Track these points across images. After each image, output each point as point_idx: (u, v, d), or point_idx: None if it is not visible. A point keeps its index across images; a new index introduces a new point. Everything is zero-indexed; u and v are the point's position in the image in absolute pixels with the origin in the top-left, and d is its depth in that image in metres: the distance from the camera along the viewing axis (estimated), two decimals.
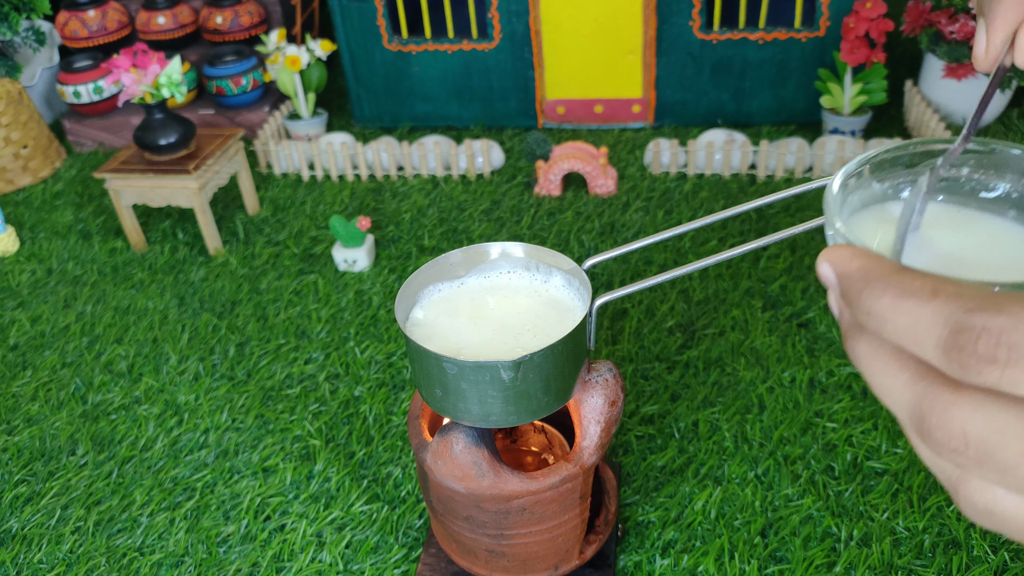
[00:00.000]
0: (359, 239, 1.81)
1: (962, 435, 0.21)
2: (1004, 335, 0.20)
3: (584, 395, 0.90)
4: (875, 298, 0.23)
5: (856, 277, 0.24)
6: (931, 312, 0.21)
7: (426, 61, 2.39)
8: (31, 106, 2.44)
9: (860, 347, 0.24)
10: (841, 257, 0.25)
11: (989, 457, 0.21)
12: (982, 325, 0.20)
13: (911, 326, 0.22)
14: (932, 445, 0.22)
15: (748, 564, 1.14)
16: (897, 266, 0.24)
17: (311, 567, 1.19)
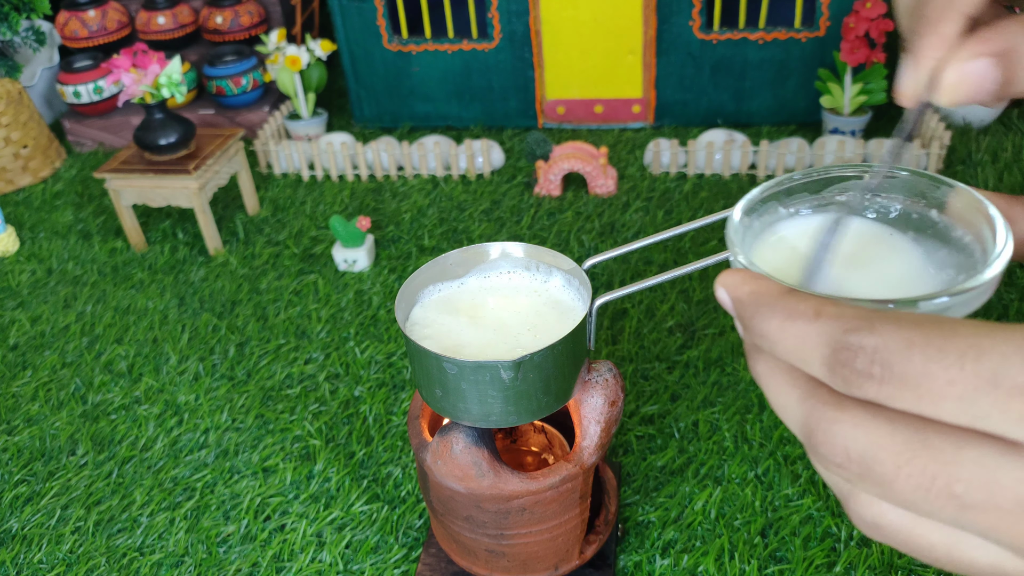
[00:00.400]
0: (359, 239, 1.81)
1: (844, 451, 0.22)
2: (877, 353, 0.21)
3: (584, 395, 0.90)
4: (765, 321, 0.24)
5: (747, 301, 0.25)
6: (815, 333, 0.23)
7: (426, 61, 2.39)
8: (31, 106, 2.44)
9: (759, 367, 0.26)
10: (734, 282, 0.26)
11: (869, 472, 0.21)
12: (858, 343, 0.21)
13: (798, 346, 0.23)
14: (820, 460, 0.23)
15: (748, 564, 1.14)
16: (785, 289, 0.25)
17: (311, 567, 1.19)
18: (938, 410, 0.20)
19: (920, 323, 0.21)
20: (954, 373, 0.20)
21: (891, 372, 0.21)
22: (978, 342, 0.20)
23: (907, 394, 0.21)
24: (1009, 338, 0.20)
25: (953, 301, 0.26)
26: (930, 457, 0.20)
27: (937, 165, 1.96)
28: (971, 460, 0.20)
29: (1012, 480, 0.19)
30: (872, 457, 0.21)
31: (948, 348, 0.20)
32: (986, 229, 0.30)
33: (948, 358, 0.20)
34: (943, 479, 0.20)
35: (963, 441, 0.20)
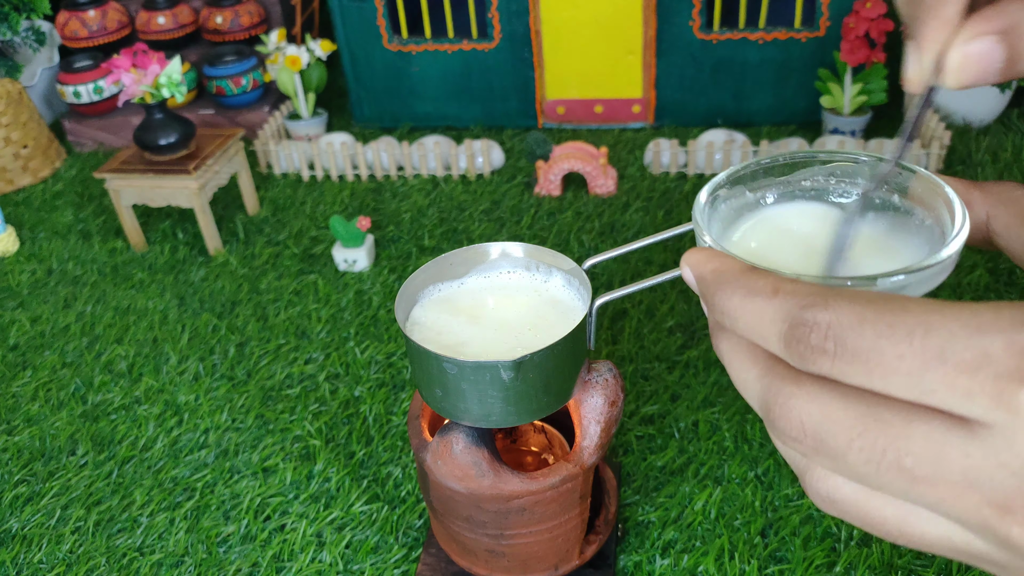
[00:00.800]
0: (359, 239, 1.81)
1: (800, 424, 0.22)
2: (831, 329, 0.21)
3: (584, 395, 0.90)
4: (726, 297, 0.25)
5: (710, 280, 0.26)
6: (773, 309, 0.23)
7: (426, 61, 2.39)
8: (31, 106, 2.44)
9: (722, 344, 0.26)
10: (698, 260, 0.27)
11: (823, 445, 0.22)
12: (813, 320, 0.22)
13: (757, 323, 0.24)
14: (777, 435, 0.23)
15: (748, 564, 1.14)
16: (746, 267, 0.26)
17: (311, 567, 1.19)
18: (888, 385, 0.21)
19: (873, 300, 0.21)
20: (903, 348, 0.20)
21: (844, 347, 0.21)
22: (927, 319, 0.20)
23: (859, 369, 0.21)
24: (957, 315, 0.20)
25: (910, 279, 0.27)
26: (880, 431, 0.21)
27: (937, 165, 1.96)
28: (920, 434, 0.20)
29: (959, 454, 0.20)
30: (826, 431, 0.22)
31: (898, 324, 0.20)
32: (945, 212, 0.31)
33: (898, 334, 0.20)
34: (893, 452, 0.21)
35: (913, 416, 0.21)
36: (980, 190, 0.31)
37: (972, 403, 0.19)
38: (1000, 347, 0.19)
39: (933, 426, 0.20)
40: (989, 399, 0.19)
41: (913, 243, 0.33)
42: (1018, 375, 0.19)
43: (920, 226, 0.33)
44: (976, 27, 0.26)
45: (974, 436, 0.20)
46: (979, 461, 0.20)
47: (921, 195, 0.33)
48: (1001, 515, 0.20)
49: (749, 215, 0.36)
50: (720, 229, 0.35)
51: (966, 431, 0.20)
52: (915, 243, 0.33)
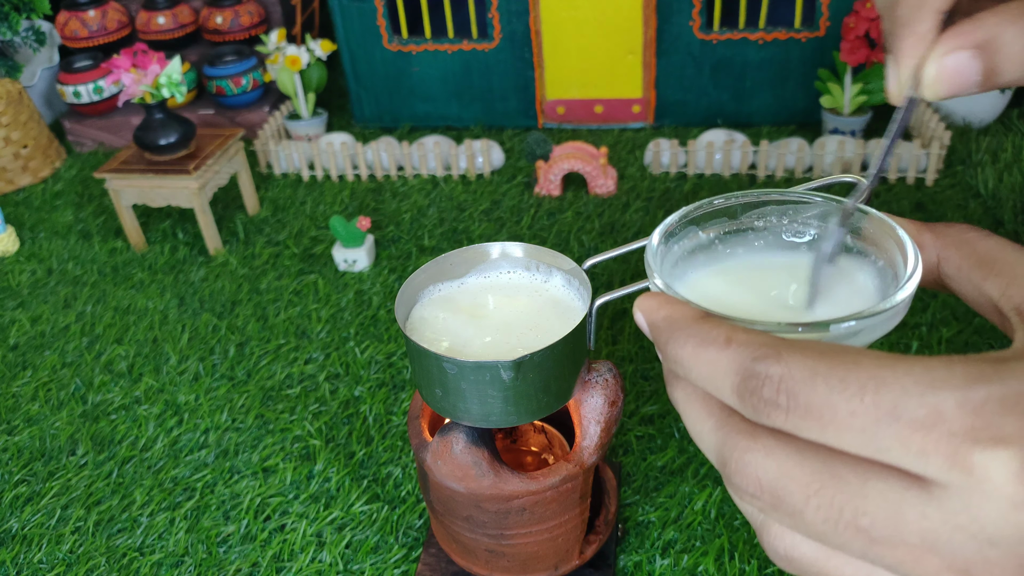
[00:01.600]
0: (359, 239, 1.81)
1: (756, 481, 0.22)
2: (783, 383, 0.21)
3: (584, 395, 0.90)
4: (679, 346, 0.25)
5: (662, 327, 0.26)
6: (727, 360, 0.23)
7: (426, 61, 2.39)
8: (31, 106, 2.44)
9: (676, 393, 0.26)
10: (650, 306, 0.27)
11: (780, 502, 0.21)
12: (765, 372, 0.21)
13: (711, 373, 0.23)
14: (734, 490, 0.23)
15: (748, 564, 1.14)
16: (699, 315, 0.25)
17: (311, 567, 1.19)
18: (842, 441, 0.20)
19: (825, 353, 0.21)
20: (855, 405, 0.20)
21: (796, 402, 0.21)
22: (879, 373, 0.20)
23: (812, 424, 0.21)
24: (909, 370, 0.20)
25: (863, 324, 0.27)
26: (837, 488, 0.20)
27: (937, 165, 1.96)
28: (876, 493, 0.20)
29: (916, 515, 0.19)
30: (782, 487, 0.21)
31: (850, 379, 0.20)
32: (897, 254, 0.31)
33: (849, 389, 0.20)
34: (850, 512, 0.20)
35: (869, 473, 0.20)
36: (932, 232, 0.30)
37: (926, 462, 0.19)
38: (953, 405, 0.19)
39: (890, 484, 0.20)
40: (943, 459, 0.19)
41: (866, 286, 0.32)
42: (972, 434, 0.18)
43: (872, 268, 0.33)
44: (952, 41, 0.26)
45: (931, 497, 0.19)
46: (937, 524, 0.19)
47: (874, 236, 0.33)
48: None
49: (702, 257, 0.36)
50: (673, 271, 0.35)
51: (922, 491, 0.19)
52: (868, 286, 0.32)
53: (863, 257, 0.33)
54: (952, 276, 0.29)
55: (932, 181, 1.97)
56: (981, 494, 0.18)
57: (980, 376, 0.19)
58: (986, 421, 0.18)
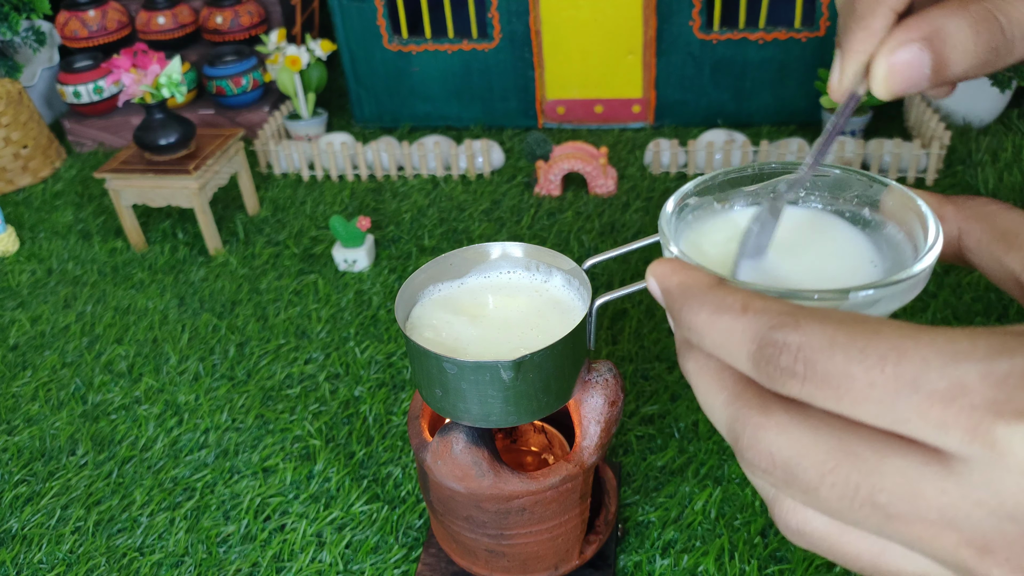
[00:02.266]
0: (359, 239, 1.81)
1: (769, 456, 0.22)
2: (801, 351, 0.20)
3: (584, 395, 0.90)
4: (693, 313, 0.24)
5: (676, 293, 0.25)
6: (742, 327, 0.22)
7: (426, 61, 2.39)
8: (31, 106, 2.44)
9: (689, 363, 0.25)
10: (663, 272, 0.26)
11: (793, 478, 0.21)
12: (783, 340, 0.21)
13: (725, 341, 0.23)
14: (746, 465, 0.23)
15: (748, 564, 1.14)
16: (715, 281, 0.24)
17: (311, 567, 1.19)
18: (859, 412, 0.20)
19: (845, 321, 0.20)
20: (875, 375, 0.19)
21: (813, 370, 0.20)
22: (900, 344, 0.19)
23: (829, 394, 0.20)
24: (932, 341, 0.19)
25: (882, 293, 0.26)
26: (853, 466, 0.20)
27: (937, 165, 1.96)
28: (894, 469, 0.19)
29: (935, 491, 0.19)
30: (796, 464, 0.21)
31: (870, 349, 0.20)
32: (918, 226, 0.30)
33: (869, 359, 0.19)
34: (866, 488, 0.20)
35: (886, 449, 0.20)
36: (953, 205, 0.30)
37: (947, 436, 0.19)
38: (976, 377, 0.18)
39: (908, 460, 0.19)
40: (964, 432, 0.18)
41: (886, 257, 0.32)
42: (994, 407, 0.18)
43: (891, 241, 0.32)
44: (900, 35, 0.26)
45: (950, 471, 0.19)
46: (956, 499, 0.19)
47: (893, 209, 0.32)
48: (980, 556, 0.19)
49: (717, 226, 0.36)
50: (687, 240, 0.34)
51: (942, 465, 0.19)
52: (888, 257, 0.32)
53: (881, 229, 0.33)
54: (973, 249, 0.29)
55: (932, 181, 1.97)
56: (1003, 468, 0.18)
57: (1004, 349, 0.19)
58: (1009, 394, 0.18)
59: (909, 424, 0.19)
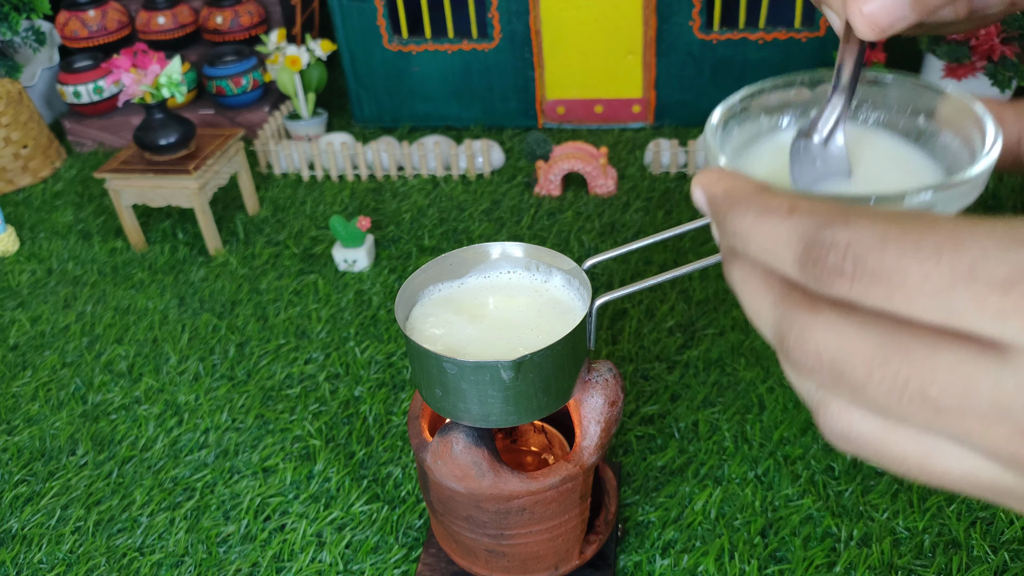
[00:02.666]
0: (359, 239, 1.81)
1: (816, 355, 0.21)
2: (850, 248, 0.20)
3: (584, 395, 0.90)
4: (739, 218, 0.23)
5: (722, 199, 0.24)
6: (788, 228, 0.22)
7: (426, 61, 2.39)
8: (31, 106, 2.44)
9: (735, 272, 0.25)
10: (709, 180, 0.25)
11: (841, 376, 0.21)
12: (831, 239, 0.20)
13: (771, 243, 0.22)
14: (792, 366, 0.22)
15: (748, 564, 1.14)
16: (760, 185, 0.24)
17: (311, 567, 1.19)
18: (911, 307, 0.19)
19: (897, 218, 0.20)
20: (929, 267, 0.19)
21: (863, 268, 0.20)
22: (958, 234, 0.19)
23: (879, 291, 0.20)
24: (991, 231, 0.18)
25: (939, 197, 0.26)
26: (903, 360, 0.19)
27: None
28: (946, 362, 0.19)
29: (988, 382, 0.18)
30: (844, 361, 0.20)
31: (925, 241, 0.19)
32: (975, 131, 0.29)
33: (924, 251, 0.19)
34: (917, 382, 0.19)
35: (939, 343, 0.19)
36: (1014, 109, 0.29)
37: (1004, 324, 0.18)
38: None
39: (961, 353, 0.19)
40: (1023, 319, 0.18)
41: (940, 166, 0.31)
42: None
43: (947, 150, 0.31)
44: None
45: (1006, 362, 0.18)
46: (1011, 389, 0.18)
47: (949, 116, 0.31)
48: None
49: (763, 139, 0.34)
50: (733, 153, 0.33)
51: (997, 357, 0.18)
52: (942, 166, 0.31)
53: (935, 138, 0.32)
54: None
55: None
56: None
57: None
58: None
59: (965, 316, 0.18)
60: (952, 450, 0.20)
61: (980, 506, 1.19)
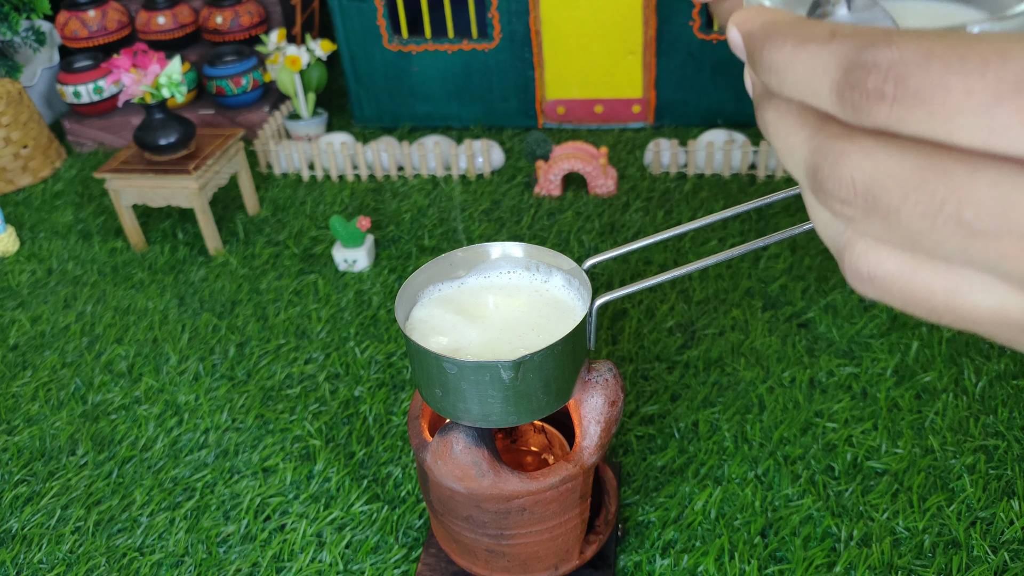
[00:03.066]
0: (359, 239, 1.81)
1: (851, 183, 0.20)
2: (892, 69, 0.19)
3: (584, 395, 0.90)
4: (776, 49, 0.22)
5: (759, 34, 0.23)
6: (828, 55, 0.20)
7: (426, 61, 2.39)
8: (31, 106, 2.44)
9: (768, 113, 0.24)
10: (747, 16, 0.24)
11: (875, 203, 0.20)
12: (872, 60, 0.19)
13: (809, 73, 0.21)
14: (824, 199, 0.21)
15: (748, 564, 1.14)
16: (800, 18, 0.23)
17: (311, 567, 1.19)
18: (952, 128, 0.18)
19: (944, 36, 0.19)
20: (974, 81, 0.18)
21: (904, 88, 0.19)
22: (1006, 48, 0.18)
23: (920, 113, 0.19)
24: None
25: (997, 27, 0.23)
26: (940, 181, 0.19)
27: None
28: (985, 182, 0.18)
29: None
30: (879, 185, 0.20)
31: (971, 56, 0.18)
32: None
33: (969, 66, 0.18)
34: (952, 204, 0.19)
35: (979, 163, 0.18)
36: None
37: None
38: None
39: (1002, 172, 0.18)
40: None
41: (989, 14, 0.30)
42: None
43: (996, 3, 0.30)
44: None
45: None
46: None
47: None
48: None
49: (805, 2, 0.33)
50: None
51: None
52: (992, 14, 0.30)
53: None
54: None
55: None
56: None
57: None
58: None
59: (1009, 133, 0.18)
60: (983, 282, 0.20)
61: (980, 506, 1.19)
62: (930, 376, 1.41)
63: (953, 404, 1.35)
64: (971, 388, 1.38)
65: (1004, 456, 1.26)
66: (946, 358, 1.45)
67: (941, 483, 1.23)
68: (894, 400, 1.37)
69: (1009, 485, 1.22)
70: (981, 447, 1.28)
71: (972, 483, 1.22)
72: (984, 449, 1.28)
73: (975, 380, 1.40)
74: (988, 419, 1.32)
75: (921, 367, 1.43)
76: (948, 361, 1.44)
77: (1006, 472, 1.24)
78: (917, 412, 1.35)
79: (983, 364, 1.43)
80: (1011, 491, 1.21)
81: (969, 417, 1.33)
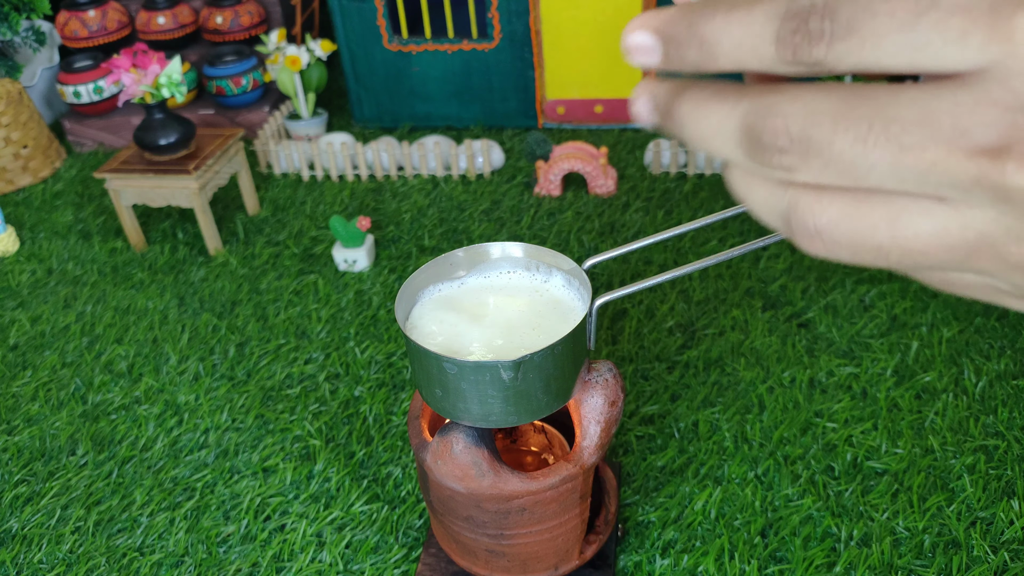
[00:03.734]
0: (359, 239, 1.81)
1: (785, 132, 0.20)
2: (827, 7, 0.19)
3: (584, 395, 0.90)
4: (706, 22, 0.22)
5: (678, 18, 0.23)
6: (761, 10, 0.21)
7: (426, 61, 2.39)
8: (31, 106, 2.44)
9: (682, 108, 0.24)
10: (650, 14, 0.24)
11: (809, 143, 0.20)
12: (810, 2, 0.20)
13: (746, 35, 0.21)
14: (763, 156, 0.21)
15: (748, 564, 1.14)
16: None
17: (311, 567, 1.19)
18: (880, 53, 0.19)
19: None
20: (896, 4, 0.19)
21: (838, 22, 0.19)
22: None
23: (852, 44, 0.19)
24: None
25: None
26: (866, 104, 0.19)
27: None
28: (907, 99, 0.19)
29: (948, 106, 0.18)
30: (811, 123, 0.20)
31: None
32: None
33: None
34: (880, 123, 0.19)
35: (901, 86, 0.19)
36: None
37: (965, 44, 0.18)
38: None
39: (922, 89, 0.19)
40: (983, 33, 0.18)
41: None
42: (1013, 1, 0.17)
43: None
44: None
45: (965, 84, 0.18)
46: (970, 107, 0.18)
47: None
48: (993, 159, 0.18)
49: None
50: None
51: (957, 83, 0.18)
52: None
53: None
54: None
55: None
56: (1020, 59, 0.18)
57: None
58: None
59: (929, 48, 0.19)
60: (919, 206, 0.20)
61: (980, 506, 1.19)
62: (930, 376, 1.41)
63: (953, 404, 1.35)
64: (971, 388, 1.38)
65: (1004, 456, 1.26)
66: (946, 358, 1.45)
67: (941, 483, 1.23)
68: (894, 400, 1.37)
69: (1009, 485, 1.22)
70: (981, 447, 1.28)
71: (972, 483, 1.22)
72: (984, 449, 1.28)
73: (975, 380, 1.40)
74: (988, 419, 1.33)
75: (921, 367, 1.43)
76: (948, 361, 1.44)
77: (1006, 472, 1.24)
78: (917, 412, 1.35)
79: (983, 364, 1.43)
80: (1011, 491, 1.21)
81: (969, 417, 1.33)
